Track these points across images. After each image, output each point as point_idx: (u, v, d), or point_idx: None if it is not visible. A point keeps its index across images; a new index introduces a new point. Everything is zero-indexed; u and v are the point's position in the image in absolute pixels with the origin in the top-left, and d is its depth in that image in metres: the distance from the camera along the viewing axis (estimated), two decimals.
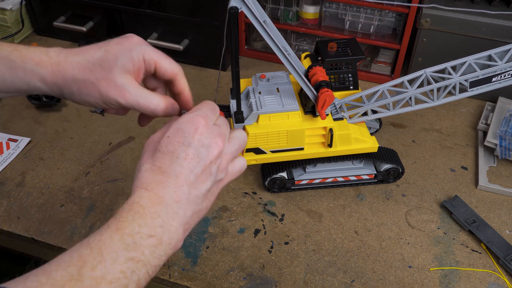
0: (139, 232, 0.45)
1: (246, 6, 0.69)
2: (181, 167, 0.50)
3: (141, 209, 0.47)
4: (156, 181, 0.49)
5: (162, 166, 0.50)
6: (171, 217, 0.48)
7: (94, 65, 0.56)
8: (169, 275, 0.80)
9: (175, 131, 0.52)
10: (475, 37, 1.08)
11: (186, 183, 0.50)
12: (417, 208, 0.92)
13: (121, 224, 0.45)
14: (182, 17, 1.21)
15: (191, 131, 0.52)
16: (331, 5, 1.17)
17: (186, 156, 0.51)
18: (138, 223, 0.46)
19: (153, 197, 0.48)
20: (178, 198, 0.49)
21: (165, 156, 0.51)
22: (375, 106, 0.86)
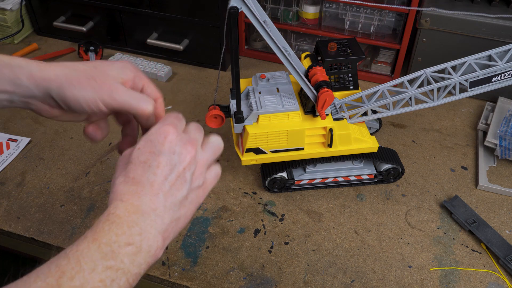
0: (117, 241, 0.45)
1: (246, 6, 0.69)
2: (154, 175, 0.50)
3: (117, 218, 0.47)
4: (131, 192, 0.49)
5: (135, 177, 0.50)
6: (149, 225, 0.48)
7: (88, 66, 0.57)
8: (169, 275, 0.80)
9: (145, 142, 0.53)
10: (475, 37, 1.08)
11: (161, 191, 0.50)
12: (417, 208, 0.92)
13: (97, 234, 0.45)
14: (182, 17, 1.21)
15: (160, 140, 0.52)
16: (331, 5, 1.17)
17: (159, 164, 0.51)
18: (115, 232, 0.46)
19: (129, 207, 0.48)
20: (154, 206, 0.49)
21: (137, 167, 0.51)
22: (375, 106, 0.86)
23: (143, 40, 1.27)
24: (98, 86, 0.56)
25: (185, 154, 0.53)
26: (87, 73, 0.56)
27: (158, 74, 1.23)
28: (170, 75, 1.26)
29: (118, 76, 0.58)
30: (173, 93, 1.20)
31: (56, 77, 0.55)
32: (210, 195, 0.93)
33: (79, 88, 0.55)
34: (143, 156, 0.51)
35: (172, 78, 1.26)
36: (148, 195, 0.49)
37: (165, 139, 0.52)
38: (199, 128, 0.57)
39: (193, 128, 0.56)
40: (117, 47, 1.34)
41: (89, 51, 1.27)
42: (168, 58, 1.31)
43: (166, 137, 0.52)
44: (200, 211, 0.90)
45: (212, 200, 0.92)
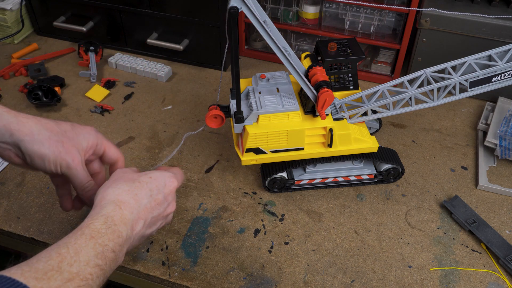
0: (107, 245, 0.53)
1: (246, 6, 0.69)
2: (149, 204, 0.62)
3: (113, 225, 0.55)
4: (129, 204, 0.59)
5: (138, 194, 0.61)
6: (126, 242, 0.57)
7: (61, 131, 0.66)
8: (169, 275, 0.80)
9: (157, 177, 0.65)
10: (475, 37, 1.08)
11: (144, 220, 0.61)
12: (417, 208, 0.92)
13: (95, 233, 0.53)
14: (182, 17, 1.21)
15: (167, 185, 0.65)
16: (331, 5, 1.17)
17: (156, 199, 0.63)
18: (108, 237, 0.54)
19: (123, 217, 0.57)
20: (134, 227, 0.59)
21: (143, 189, 0.62)
22: (375, 106, 0.86)
23: (143, 40, 1.27)
24: (64, 152, 0.64)
25: (170, 208, 0.66)
26: (58, 137, 0.65)
27: (158, 74, 1.23)
28: (170, 75, 1.26)
29: (84, 145, 0.68)
30: (173, 93, 1.20)
31: (30, 132, 0.63)
32: (210, 195, 0.93)
33: (47, 146, 0.63)
34: (151, 185, 0.63)
35: (172, 78, 1.25)
36: (137, 215, 0.60)
37: (170, 186, 0.65)
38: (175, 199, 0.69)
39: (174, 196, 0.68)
40: (117, 47, 1.34)
41: (89, 51, 1.27)
42: (168, 58, 1.31)
43: (171, 186, 0.66)
44: (200, 211, 0.90)
45: (212, 200, 0.92)
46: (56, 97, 1.13)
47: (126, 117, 1.13)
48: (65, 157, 0.64)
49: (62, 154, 0.64)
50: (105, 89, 1.19)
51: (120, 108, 1.15)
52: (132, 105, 1.16)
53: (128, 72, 1.27)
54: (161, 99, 1.18)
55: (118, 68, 1.28)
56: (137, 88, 1.22)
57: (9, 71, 1.23)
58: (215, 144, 1.05)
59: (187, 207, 0.91)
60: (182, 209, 0.91)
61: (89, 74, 1.23)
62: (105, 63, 1.29)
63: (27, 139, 0.63)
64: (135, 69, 1.26)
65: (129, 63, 1.26)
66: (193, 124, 1.10)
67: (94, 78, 1.22)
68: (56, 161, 0.64)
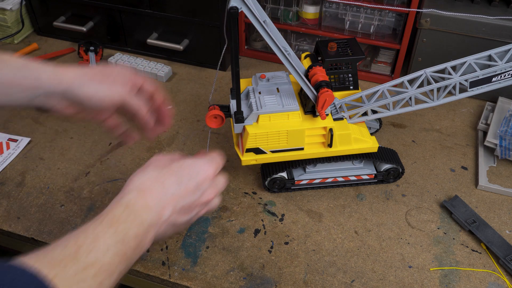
0: (128, 232, 0.51)
1: (246, 6, 0.69)
2: (178, 191, 0.59)
3: (134, 211, 0.53)
4: (153, 191, 0.57)
5: (165, 182, 0.58)
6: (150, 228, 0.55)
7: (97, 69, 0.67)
8: (169, 275, 0.80)
9: (190, 163, 0.62)
10: (475, 37, 1.08)
11: (172, 207, 0.58)
12: (417, 208, 0.92)
13: (115, 220, 0.52)
14: (182, 17, 1.21)
15: (201, 172, 0.62)
16: (331, 5, 1.17)
17: (187, 187, 0.60)
18: (129, 225, 0.52)
19: (146, 204, 0.55)
20: (161, 214, 0.56)
21: (172, 176, 0.59)
22: (375, 106, 0.86)
23: (143, 40, 1.27)
24: (111, 84, 0.65)
25: (206, 196, 0.62)
26: (100, 76, 0.65)
27: (158, 74, 1.23)
28: (170, 75, 1.26)
29: (123, 77, 0.67)
30: (173, 93, 1.20)
31: (75, 77, 0.64)
32: None
33: (93, 85, 0.64)
34: (182, 172, 0.60)
35: (172, 78, 1.25)
36: (164, 202, 0.57)
37: (204, 174, 0.62)
38: (225, 181, 0.66)
39: (222, 179, 0.66)
40: (117, 47, 1.34)
41: (89, 51, 1.27)
42: (168, 58, 1.31)
43: (206, 172, 0.62)
44: None
45: None
46: None
47: None
48: (114, 89, 0.65)
49: (111, 87, 0.65)
50: None
51: None
52: None
53: None
54: None
55: None
56: None
57: None
58: (215, 144, 1.05)
59: None
60: None
61: None
62: (105, 63, 1.29)
63: (76, 83, 0.63)
64: (135, 69, 1.26)
65: (129, 63, 1.26)
66: (193, 124, 1.10)
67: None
68: (108, 96, 0.65)
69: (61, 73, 0.64)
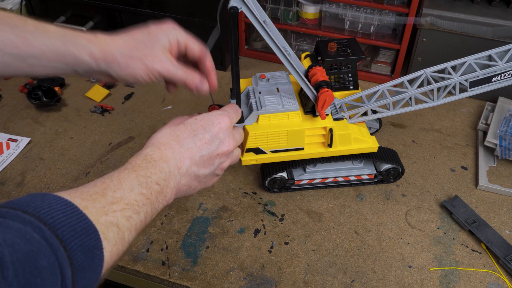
0: (150, 177, 0.55)
1: (246, 6, 0.69)
2: (194, 144, 0.61)
3: (153, 161, 0.57)
4: (170, 145, 0.60)
5: (180, 136, 0.61)
6: (170, 177, 0.58)
7: (139, 43, 0.66)
8: (169, 275, 0.80)
9: (203, 117, 0.64)
10: (475, 37, 1.08)
11: (190, 159, 0.60)
12: (417, 208, 0.92)
13: (136, 167, 0.55)
14: (182, 17, 1.21)
15: (215, 123, 0.64)
16: (331, 5, 1.17)
17: (202, 138, 0.62)
18: (150, 170, 0.55)
19: (163, 155, 0.58)
20: (179, 165, 0.59)
21: (186, 130, 0.62)
22: (375, 106, 0.86)
23: None
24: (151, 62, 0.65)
25: (226, 145, 0.64)
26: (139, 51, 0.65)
27: None
28: None
29: (165, 46, 0.67)
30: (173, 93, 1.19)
31: (113, 58, 0.64)
32: (210, 195, 0.93)
33: (134, 66, 0.65)
34: (196, 125, 0.62)
35: None
36: (179, 155, 0.60)
37: (219, 124, 0.64)
38: (242, 133, 0.69)
39: (239, 131, 0.69)
40: None
41: None
42: None
43: (220, 123, 0.64)
44: (200, 211, 0.90)
45: (212, 200, 0.92)
46: (56, 97, 1.13)
47: (126, 117, 1.13)
48: (153, 66, 0.65)
49: (150, 65, 0.65)
50: (105, 89, 1.19)
51: (120, 108, 1.15)
52: (132, 105, 1.16)
53: None
54: (161, 99, 1.18)
55: None
56: (137, 88, 1.22)
57: None
58: None
59: (187, 207, 0.91)
60: (182, 209, 0.91)
61: None
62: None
63: (114, 66, 0.64)
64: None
65: None
66: None
67: (94, 78, 1.22)
68: (148, 75, 0.65)
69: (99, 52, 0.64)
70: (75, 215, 0.44)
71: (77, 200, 0.46)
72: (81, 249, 0.43)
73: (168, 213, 0.90)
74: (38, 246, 0.40)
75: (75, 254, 0.42)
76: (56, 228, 0.42)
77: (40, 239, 0.40)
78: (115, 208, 0.49)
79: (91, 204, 0.47)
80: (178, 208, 0.90)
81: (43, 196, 0.45)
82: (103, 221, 0.47)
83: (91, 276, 0.44)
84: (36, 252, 0.39)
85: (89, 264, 0.44)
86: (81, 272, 0.43)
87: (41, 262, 0.39)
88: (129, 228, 0.50)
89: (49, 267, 0.39)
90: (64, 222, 0.43)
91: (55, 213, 0.43)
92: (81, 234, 0.43)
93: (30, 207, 0.42)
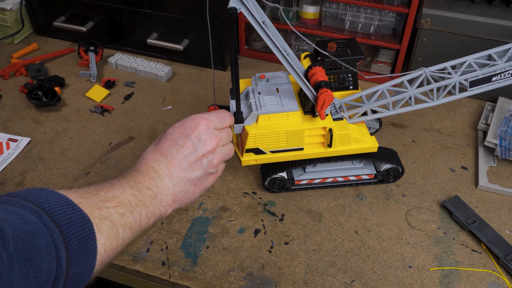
0: (141, 183, 0.57)
1: (244, 6, 0.69)
2: (177, 152, 0.62)
3: (140, 172, 0.59)
4: (154, 158, 0.61)
5: (162, 148, 0.62)
6: (163, 184, 0.60)
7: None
8: (169, 275, 0.80)
9: (180, 124, 0.65)
10: (475, 37, 1.08)
11: (177, 166, 0.62)
12: (417, 208, 0.92)
13: (127, 176, 0.58)
14: (182, 17, 1.21)
15: (192, 126, 0.64)
16: (331, 5, 1.17)
17: (184, 145, 0.63)
18: (140, 178, 0.58)
19: (150, 168, 0.60)
20: (169, 174, 0.61)
21: (167, 141, 0.63)
22: (375, 106, 0.86)
23: (143, 40, 1.27)
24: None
25: (208, 144, 0.65)
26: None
27: (158, 74, 1.23)
28: (170, 75, 1.26)
29: None
30: (173, 93, 1.20)
31: None
32: (210, 195, 0.93)
33: None
34: (174, 134, 0.64)
35: (172, 78, 1.26)
36: (166, 165, 0.61)
37: (196, 127, 0.64)
38: (229, 133, 0.70)
39: (226, 131, 0.69)
40: (117, 47, 1.34)
41: (89, 51, 1.27)
42: (168, 58, 1.31)
43: (198, 125, 0.65)
44: (200, 211, 0.90)
45: (212, 200, 0.92)
46: (56, 97, 1.13)
47: (126, 117, 1.13)
48: None
49: None
50: (105, 89, 1.19)
51: (120, 108, 1.15)
52: (132, 105, 1.16)
53: (128, 72, 1.27)
54: (161, 99, 1.18)
55: (118, 68, 1.28)
56: (137, 88, 1.22)
57: (9, 71, 1.23)
58: None
59: (187, 207, 0.91)
60: (182, 209, 0.91)
61: (89, 74, 1.23)
62: (105, 63, 1.29)
63: None
64: (135, 69, 1.26)
65: (129, 63, 1.26)
66: None
67: (94, 78, 1.22)
68: None
69: None
70: (70, 207, 0.47)
71: (71, 196, 0.49)
72: (76, 236, 0.45)
73: None
74: (36, 227, 0.42)
75: (70, 239, 0.44)
76: (53, 215, 0.44)
77: (38, 222, 0.42)
78: (108, 205, 0.51)
79: (85, 201, 0.49)
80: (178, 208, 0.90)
81: (40, 190, 0.47)
82: (96, 214, 0.49)
83: (84, 265, 0.46)
84: (34, 232, 0.41)
85: (83, 252, 0.45)
86: (74, 258, 0.45)
87: (38, 241, 0.41)
88: (123, 224, 0.52)
89: (46, 246, 0.42)
90: (60, 211, 0.45)
91: (52, 203, 0.45)
92: (76, 223, 0.46)
93: (28, 197, 0.45)
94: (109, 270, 0.85)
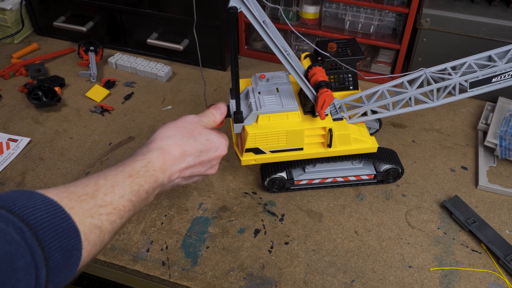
0: (143, 186, 0.58)
1: (245, 6, 0.69)
2: (193, 162, 0.66)
3: (152, 170, 0.60)
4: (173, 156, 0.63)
5: (187, 151, 0.65)
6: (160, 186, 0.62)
7: None
8: (169, 275, 0.80)
9: (214, 141, 0.69)
10: (475, 37, 1.08)
11: (183, 173, 0.66)
12: (417, 208, 0.92)
13: (135, 173, 0.58)
14: (182, 17, 1.21)
15: (218, 150, 0.70)
16: (331, 5, 1.17)
17: (202, 160, 0.68)
18: (145, 179, 0.58)
19: (163, 166, 0.62)
20: (170, 178, 0.63)
21: (194, 148, 0.66)
22: (374, 107, 0.86)
23: (143, 40, 1.27)
24: None
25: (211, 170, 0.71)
26: None
27: (158, 74, 1.23)
28: (170, 75, 1.26)
29: None
30: (173, 93, 1.20)
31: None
32: (210, 195, 0.93)
33: None
34: (204, 146, 0.67)
35: (172, 78, 1.26)
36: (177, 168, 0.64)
37: (220, 153, 0.70)
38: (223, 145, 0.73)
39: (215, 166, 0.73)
40: (117, 47, 1.34)
41: (89, 51, 1.27)
42: (168, 58, 1.31)
43: (221, 154, 0.70)
44: (200, 211, 0.90)
45: (212, 200, 0.92)
46: (56, 97, 1.13)
47: (126, 117, 1.13)
48: None
49: None
50: (105, 89, 1.19)
51: (120, 108, 1.15)
52: (132, 105, 1.16)
53: (128, 72, 1.27)
54: (161, 99, 1.18)
55: (118, 68, 1.28)
56: (137, 88, 1.22)
57: (9, 71, 1.23)
58: None
59: (187, 207, 0.91)
60: (182, 209, 0.91)
61: (89, 74, 1.23)
62: (105, 63, 1.29)
63: None
64: (135, 69, 1.26)
65: (129, 63, 1.26)
66: None
67: (94, 78, 1.22)
68: None
69: None
70: (58, 216, 0.46)
71: (64, 201, 0.48)
72: (59, 250, 0.45)
73: (168, 213, 0.90)
74: (17, 247, 0.41)
75: (53, 255, 0.44)
76: (37, 229, 0.43)
77: (20, 240, 0.42)
78: (101, 212, 0.51)
79: (78, 205, 0.49)
80: (178, 208, 0.91)
81: (29, 194, 0.46)
82: (87, 223, 0.49)
83: (65, 274, 0.46)
84: (14, 253, 0.41)
85: (65, 264, 0.46)
86: (56, 272, 0.45)
87: (17, 263, 0.41)
88: (110, 231, 0.52)
89: (25, 268, 0.41)
90: (46, 223, 0.44)
91: (39, 213, 0.45)
92: (62, 235, 0.45)
93: (15, 206, 0.44)
94: (109, 270, 0.85)
